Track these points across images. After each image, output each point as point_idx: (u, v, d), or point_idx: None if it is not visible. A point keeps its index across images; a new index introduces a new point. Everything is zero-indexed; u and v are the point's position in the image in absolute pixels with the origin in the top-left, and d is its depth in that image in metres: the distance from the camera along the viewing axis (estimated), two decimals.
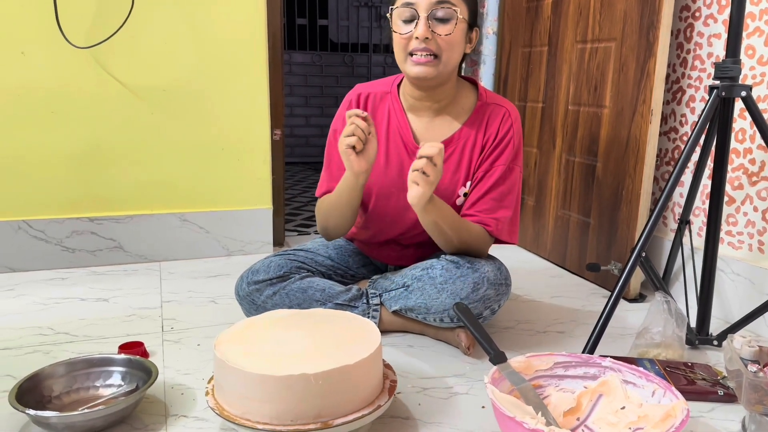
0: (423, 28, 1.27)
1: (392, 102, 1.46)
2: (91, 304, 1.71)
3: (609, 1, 1.85)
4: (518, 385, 1.04)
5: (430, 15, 1.28)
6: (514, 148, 1.44)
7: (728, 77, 1.34)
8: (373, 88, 1.49)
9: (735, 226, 1.64)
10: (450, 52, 1.32)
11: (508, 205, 1.42)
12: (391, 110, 1.46)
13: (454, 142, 1.44)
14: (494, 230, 1.40)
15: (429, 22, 1.28)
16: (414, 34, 1.29)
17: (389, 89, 1.48)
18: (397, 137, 1.45)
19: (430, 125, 1.45)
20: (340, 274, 1.60)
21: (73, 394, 1.15)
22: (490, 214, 1.40)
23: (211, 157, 2.14)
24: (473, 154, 1.44)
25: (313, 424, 0.97)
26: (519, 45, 2.37)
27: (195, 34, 2.03)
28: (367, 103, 1.48)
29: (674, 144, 1.84)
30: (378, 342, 1.07)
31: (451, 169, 1.44)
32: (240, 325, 1.16)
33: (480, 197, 1.42)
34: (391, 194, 1.47)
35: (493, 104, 1.45)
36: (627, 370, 1.10)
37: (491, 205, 1.41)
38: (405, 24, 1.31)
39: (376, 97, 1.48)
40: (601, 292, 1.89)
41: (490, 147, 1.43)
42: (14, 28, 1.86)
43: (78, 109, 1.97)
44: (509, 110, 1.45)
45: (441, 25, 1.29)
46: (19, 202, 1.96)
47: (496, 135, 1.43)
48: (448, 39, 1.30)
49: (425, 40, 1.28)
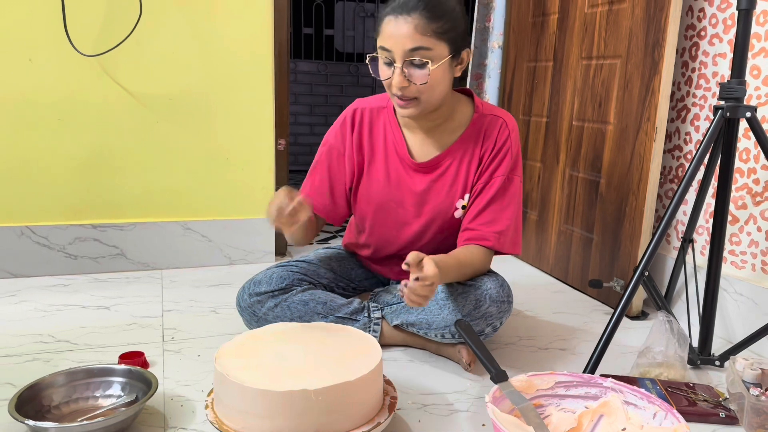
0: (398, 79, 1.25)
1: (388, 117, 1.46)
2: (93, 311, 1.71)
3: (615, 19, 1.86)
4: (519, 405, 1.04)
5: (405, 63, 1.25)
6: (513, 159, 1.42)
7: (733, 98, 1.35)
8: (371, 103, 1.49)
9: (738, 246, 1.63)
10: (430, 93, 1.29)
11: (509, 217, 1.41)
12: (387, 125, 1.46)
13: (451, 156, 1.43)
14: (496, 244, 1.39)
15: (405, 70, 1.25)
16: (392, 82, 1.27)
17: (386, 104, 1.47)
18: (393, 152, 1.45)
19: (425, 141, 1.44)
20: (342, 287, 1.60)
21: (72, 404, 1.15)
22: (492, 227, 1.39)
23: (216, 166, 2.14)
24: (470, 167, 1.43)
25: None
26: (524, 59, 2.37)
27: (202, 43, 2.04)
28: (363, 119, 1.47)
29: (678, 162, 1.84)
30: (379, 359, 1.07)
31: (448, 182, 1.44)
32: (241, 337, 1.16)
33: (480, 210, 1.41)
34: (389, 208, 1.47)
35: (490, 115, 1.44)
36: (628, 391, 1.09)
37: (492, 217, 1.40)
38: (386, 67, 1.29)
39: (373, 112, 1.47)
40: (603, 309, 1.88)
41: (488, 158, 1.42)
42: (22, 35, 1.87)
43: (84, 117, 1.97)
44: (506, 120, 1.43)
45: (417, 70, 1.26)
46: (22, 207, 1.97)
47: (493, 146, 1.41)
48: (426, 86, 1.27)
49: (401, 89, 1.27)
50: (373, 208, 1.48)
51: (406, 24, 1.23)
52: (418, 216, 1.46)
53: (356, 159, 1.47)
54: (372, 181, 1.46)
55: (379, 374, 1.07)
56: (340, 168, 1.48)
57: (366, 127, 1.46)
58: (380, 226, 1.51)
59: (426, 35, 1.23)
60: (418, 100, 1.30)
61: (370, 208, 1.49)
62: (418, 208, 1.46)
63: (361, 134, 1.46)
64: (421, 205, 1.45)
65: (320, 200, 1.47)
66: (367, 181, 1.47)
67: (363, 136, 1.46)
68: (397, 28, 1.23)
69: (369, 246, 1.57)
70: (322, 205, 1.48)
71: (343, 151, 1.47)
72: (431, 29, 1.24)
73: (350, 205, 1.52)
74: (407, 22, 1.23)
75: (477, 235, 1.39)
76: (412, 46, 1.23)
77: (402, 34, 1.23)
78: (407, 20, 1.23)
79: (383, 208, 1.48)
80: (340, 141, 1.47)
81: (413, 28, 1.23)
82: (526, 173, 2.37)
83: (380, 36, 1.27)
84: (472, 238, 1.39)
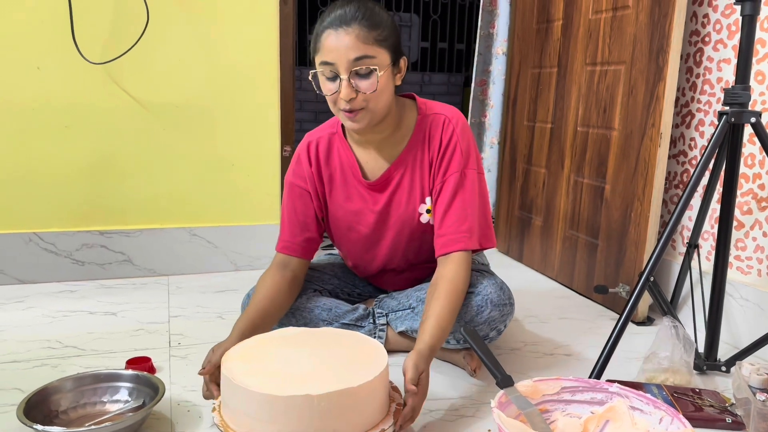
0: (346, 90, 1.23)
1: (340, 142, 1.44)
2: (100, 317, 1.72)
3: (619, 25, 1.86)
4: (525, 410, 1.04)
5: (351, 74, 1.23)
6: (463, 153, 1.37)
7: (738, 103, 1.35)
8: (321, 132, 1.47)
9: (744, 251, 1.63)
10: (377, 101, 1.27)
11: (473, 212, 1.36)
12: (340, 150, 1.44)
13: (402, 166, 1.40)
14: (468, 244, 1.34)
15: (351, 81, 1.23)
16: (339, 95, 1.25)
17: (336, 129, 1.45)
18: (350, 176, 1.43)
19: (377, 156, 1.41)
20: (346, 292, 1.61)
21: (80, 409, 1.16)
22: (460, 228, 1.35)
23: (222, 172, 2.16)
24: (423, 171, 1.40)
25: None
26: (528, 66, 2.38)
27: (208, 50, 2.06)
28: (318, 151, 1.44)
29: (683, 167, 1.84)
30: (384, 365, 1.07)
31: (405, 193, 1.41)
32: (249, 341, 1.16)
33: (444, 213, 1.36)
34: (357, 231, 1.47)
35: (432, 114, 1.40)
36: (634, 396, 1.09)
37: (457, 217, 1.35)
38: (329, 82, 1.26)
39: (324, 141, 1.45)
40: (609, 314, 1.88)
41: (438, 159, 1.38)
42: (31, 43, 1.89)
43: (91, 124, 1.99)
44: (448, 116, 1.39)
45: (363, 80, 1.24)
46: (30, 214, 1.98)
47: (439, 146, 1.38)
48: (373, 94, 1.25)
49: (350, 101, 1.24)
50: (343, 233, 1.49)
51: (347, 35, 1.21)
52: (385, 231, 1.45)
53: (319, 191, 1.45)
54: (337, 209, 1.46)
55: (384, 381, 1.07)
56: (306, 206, 1.45)
57: (323, 158, 1.44)
58: (355, 249, 1.51)
59: (368, 44, 1.22)
60: (366, 110, 1.27)
61: (340, 234, 1.50)
62: (382, 225, 1.44)
63: (319, 166, 1.44)
64: (384, 221, 1.44)
65: (293, 240, 1.45)
66: (333, 209, 1.46)
67: (321, 168, 1.44)
68: (339, 41, 1.21)
69: (356, 267, 1.58)
70: (296, 245, 1.45)
71: (306, 188, 1.45)
72: (372, 37, 1.23)
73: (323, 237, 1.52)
74: (348, 33, 1.21)
75: (447, 240, 1.35)
76: (356, 56, 1.22)
77: (345, 46, 1.21)
78: (347, 31, 1.21)
79: (351, 233, 1.47)
80: (300, 179, 1.45)
81: (355, 38, 1.21)
82: (530, 179, 2.37)
83: (320, 52, 1.25)
84: (445, 245, 1.35)
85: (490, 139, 2.67)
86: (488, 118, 2.67)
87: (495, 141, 2.66)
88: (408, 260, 1.50)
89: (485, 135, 2.70)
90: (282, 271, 1.42)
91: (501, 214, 2.62)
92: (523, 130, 2.43)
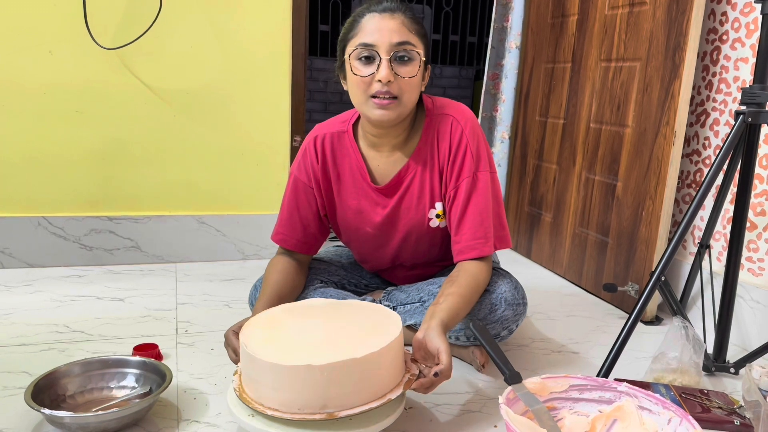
0: (386, 71, 1.21)
1: (350, 142, 1.41)
2: (107, 303, 1.73)
3: (635, 21, 1.84)
4: (533, 407, 1.03)
5: (392, 56, 1.22)
6: (473, 156, 1.34)
7: (755, 103, 1.33)
8: (331, 128, 1.44)
9: (756, 253, 1.62)
10: (410, 93, 1.26)
11: (487, 215, 1.34)
12: (350, 151, 1.41)
13: (412, 170, 1.38)
14: (484, 251, 1.33)
15: (391, 63, 1.22)
16: (376, 76, 1.22)
17: (346, 128, 1.42)
18: (359, 178, 1.41)
19: (387, 159, 1.39)
20: (353, 284, 1.60)
21: (87, 394, 1.16)
22: (476, 234, 1.33)
23: (232, 161, 2.15)
24: (433, 175, 1.38)
25: (318, 414, 0.97)
26: (542, 60, 2.36)
27: (220, 39, 2.05)
28: (325, 146, 1.42)
29: (696, 167, 1.82)
30: (394, 336, 1.05)
31: (414, 198, 1.39)
32: (275, 310, 1.17)
33: (459, 220, 1.35)
34: (358, 229, 1.46)
35: (440, 114, 1.37)
36: (643, 396, 1.08)
37: (472, 223, 1.33)
38: (364, 65, 1.24)
39: (335, 137, 1.42)
40: (617, 313, 1.87)
41: (449, 164, 1.35)
42: (43, 27, 1.89)
43: (102, 109, 1.99)
44: (455, 117, 1.36)
45: (403, 66, 1.23)
46: (39, 198, 1.99)
47: (449, 150, 1.35)
48: (411, 80, 1.24)
49: (388, 83, 1.22)
50: (351, 234, 1.48)
51: (393, 20, 1.23)
52: (393, 234, 1.44)
53: (325, 189, 1.43)
54: (345, 209, 1.44)
55: (392, 352, 1.04)
56: (309, 201, 1.44)
57: (329, 155, 1.42)
58: (363, 248, 1.51)
59: (411, 32, 1.24)
60: (399, 102, 1.25)
61: (349, 234, 1.49)
62: (391, 228, 1.43)
63: (326, 163, 1.42)
64: (393, 225, 1.43)
65: (293, 236, 1.44)
66: (341, 209, 1.45)
67: (328, 165, 1.42)
68: (384, 23, 1.23)
69: (364, 262, 1.58)
70: (295, 240, 1.44)
71: (310, 184, 1.43)
72: (414, 29, 1.25)
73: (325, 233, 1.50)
74: (393, 18, 1.23)
75: (464, 247, 1.34)
76: (400, 40, 1.22)
77: (389, 28, 1.22)
78: (393, 17, 1.24)
79: (359, 233, 1.46)
80: (305, 174, 1.43)
81: (400, 23, 1.23)
82: (541, 175, 2.36)
83: (359, 34, 1.24)
84: (462, 251, 1.34)
85: (501, 133, 2.66)
86: (500, 112, 2.65)
87: (506, 136, 2.65)
88: (418, 259, 1.50)
89: (496, 129, 2.68)
90: (288, 257, 1.44)
91: (510, 210, 2.61)
92: (534, 126, 2.42)
